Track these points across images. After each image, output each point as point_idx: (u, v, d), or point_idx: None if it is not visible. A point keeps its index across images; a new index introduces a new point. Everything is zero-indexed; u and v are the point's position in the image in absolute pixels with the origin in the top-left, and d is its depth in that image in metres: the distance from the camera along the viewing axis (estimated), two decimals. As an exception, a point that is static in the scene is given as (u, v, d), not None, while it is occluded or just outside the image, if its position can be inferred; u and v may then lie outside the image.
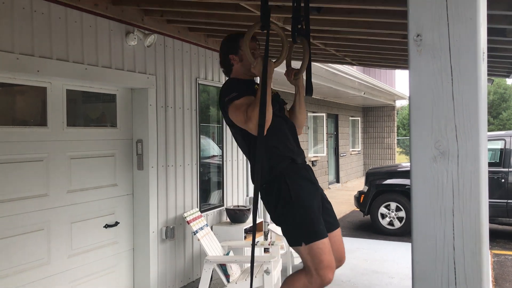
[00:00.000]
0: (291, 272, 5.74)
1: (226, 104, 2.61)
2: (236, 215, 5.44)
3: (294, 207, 2.54)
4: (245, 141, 2.68)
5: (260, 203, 4.92)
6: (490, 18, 3.20)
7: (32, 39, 3.34)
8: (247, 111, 2.47)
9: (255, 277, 4.23)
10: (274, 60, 2.57)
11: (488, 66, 5.35)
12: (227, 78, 2.86)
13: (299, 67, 2.88)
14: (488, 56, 4.54)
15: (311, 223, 2.53)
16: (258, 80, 2.72)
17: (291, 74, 2.86)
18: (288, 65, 2.94)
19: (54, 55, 3.49)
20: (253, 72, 2.58)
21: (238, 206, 5.83)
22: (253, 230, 2.37)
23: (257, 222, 5.82)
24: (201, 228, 4.79)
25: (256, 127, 2.38)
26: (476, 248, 1.01)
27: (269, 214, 2.74)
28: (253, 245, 2.39)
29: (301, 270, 2.66)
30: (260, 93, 2.38)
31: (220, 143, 5.77)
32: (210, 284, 4.52)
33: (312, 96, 14.95)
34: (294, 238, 2.61)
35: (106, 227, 4.20)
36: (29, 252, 3.49)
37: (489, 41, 3.81)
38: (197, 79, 5.21)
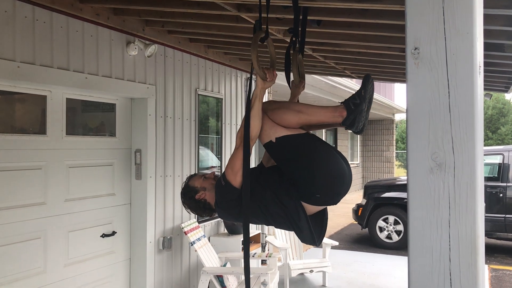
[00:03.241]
0: (288, 285, 5.71)
1: (225, 184, 2.43)
2: (233, 227, 5.42)
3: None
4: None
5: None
6: (489, 33, 3.24)
7: (34, 48, 3.36)
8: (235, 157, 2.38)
9: (252, 289, 4.20)
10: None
11: (487, 81, 5.39)
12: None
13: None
14: (487, 71, 4.58)
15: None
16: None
17: (301, 85, 2.86)
18: (302, 76, 2.92)
19: (55, 63, 3.51)
20: (267, 86, 2.49)
21: (236, 217, 5.81)
22: (244, 242, 2.34)
23: (254, 234, 5.80)
24: (199, 239, 4.77)
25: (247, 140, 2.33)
26: (471, 259, 1.02)
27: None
28: (247, 255, 2.36)
29: None
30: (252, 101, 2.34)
31: (219, 154, 5.78)
32: (206, 296, 4.50)
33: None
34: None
35: (103, 237, 4.18)
36: (25, 261, 3.47)
37: (487, 56, 3.84)
38: (197, 89, 5.23)
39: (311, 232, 2.40)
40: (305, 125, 2.42)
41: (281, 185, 2.41)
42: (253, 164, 4.10)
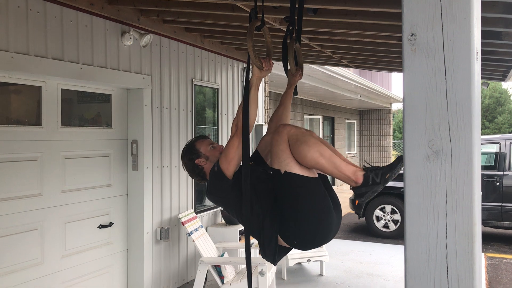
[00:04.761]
0: (285, 274, 5.73)
1: (217, 170, 2.43)
2: (231, 217, 5.43)
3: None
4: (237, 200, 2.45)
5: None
6: (486, 21, 3.22)
7: (27, 38, 3.32)
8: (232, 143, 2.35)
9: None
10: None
11: (484, 70, 5.37)
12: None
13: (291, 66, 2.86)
14: (484, 60, 4.56)
15: None
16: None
17: (298, 74, 2.84)
18: (300, 65, 2.91)
19: (49, 54, 3.48)
20: (263, 75, 2.40)
21: (233, 207, 5.81)
22: (245, 232, 2.35)
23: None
24: (196, 229, 4.78)
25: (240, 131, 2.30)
26: (468, 247, 1.01)
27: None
28: (248, 245, 2.37)
29: None
30: (247, 94, 2.32)
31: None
32: (204, 286, 4.51)
33: (308, 99, 14.84)
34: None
35: (100, 228, 4.18)
36: (22, 252, 3.47)
37: (485, 44, 3.82)
38: (193, 80, 5.20)
39: (274, 256, 2.43)
40: (318, 169, 2.34)
41: (273, 210, 2.40)
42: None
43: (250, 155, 2.72)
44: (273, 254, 2.42)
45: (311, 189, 2.33)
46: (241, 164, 2.33)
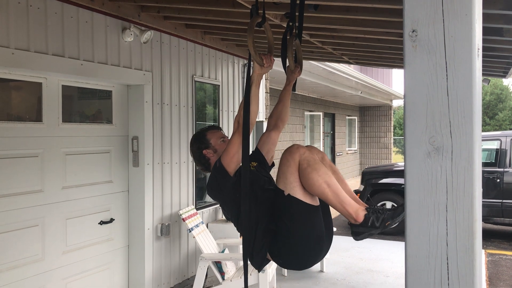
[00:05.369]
0: (286, 270, 5.74)
1: (219, 166, 2.42)
2: (231, 213, 5.43)
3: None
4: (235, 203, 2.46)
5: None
6: (487, 17, 3.21)
7: (28, 34, 3.32)
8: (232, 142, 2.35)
9: (250, 274, 4.23)
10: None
11: (485, 66, 5.36)
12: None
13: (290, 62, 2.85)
14: (485, 56, 4.56)
15: None
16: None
17: (296, 70, 2.84)
18: (300, 62, 2.90)
19: (50, 50, 3.48)
20: (264, 71, 2.39)
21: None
22: (243, 227, 2.36)
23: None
24: (197, 226, 4.78)
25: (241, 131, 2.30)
26: (468, 243, 1.01)
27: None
28: (245, 240, 2.38)
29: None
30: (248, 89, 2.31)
31: (216, 140, 5.75)
32: (205, 282, 4.52)
33: (309, 95, 14.82)
34: None
35: (101, 224, 4.18)
36: (23, 248, 3.48)
37: (486, 41, 3.81)
38: (194, 76, 5.20)
39: (260, 265, 2.45)
40: (322, 199, 2.34)
41: (269, 223, 2.42)
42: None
43: (251, 153, 2.72)
44: (259, 262, 2.44)
45: (309, 217, 2.34)
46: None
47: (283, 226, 2.36)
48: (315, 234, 2.36)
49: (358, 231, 2.31)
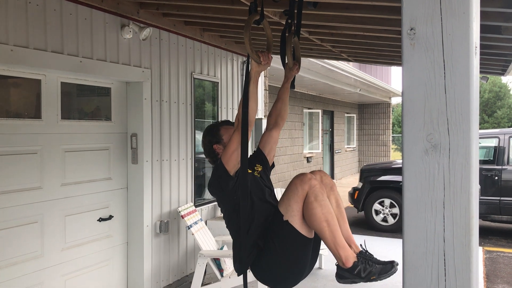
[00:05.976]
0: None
1: (219, 164, 2.45)
2: (230, 210, 5.44)
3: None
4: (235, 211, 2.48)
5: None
6: (485, 15, 3.21)
7: (27, 31, 3.32)
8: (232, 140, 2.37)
9: (249, 271, 4.24)
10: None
11: (484, 64, 5.37)
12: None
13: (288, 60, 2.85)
14: (484, 54, 4.56)
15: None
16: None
17: (295, 68, 2.84)
18: (298, 59, 2.90)
19: (49, 47, 3.48)
20: (261, 69, 2.39)
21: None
22: (242, 225, 2.37)
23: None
24: (195, 223, 4.79)
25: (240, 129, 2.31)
26: (465, 240, 1.02)
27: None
28: (244, 237, 2.39)
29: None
30: (248, 87, 2.32)
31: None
32: (203, 279, 4.53)
33: (308, 93, 14.81)
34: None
35: (100, 221, 4.19)
36: (22, 245, 3.48)
37: (484, 39, 3.82)
38: (193, 73, 5.20)
39: (243, 271, 2.46)
40: (319, 235, 2.37)
41: (260, 236, 2.46)
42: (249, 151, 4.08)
43: (252, 154, 2.74)
44: (243, 269, 2.46)
45: (299, 248, 2.39)
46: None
47: (271, 246, 2.40)
48: (301, 264, 2.43)
49: (343, 274, 2.37)
